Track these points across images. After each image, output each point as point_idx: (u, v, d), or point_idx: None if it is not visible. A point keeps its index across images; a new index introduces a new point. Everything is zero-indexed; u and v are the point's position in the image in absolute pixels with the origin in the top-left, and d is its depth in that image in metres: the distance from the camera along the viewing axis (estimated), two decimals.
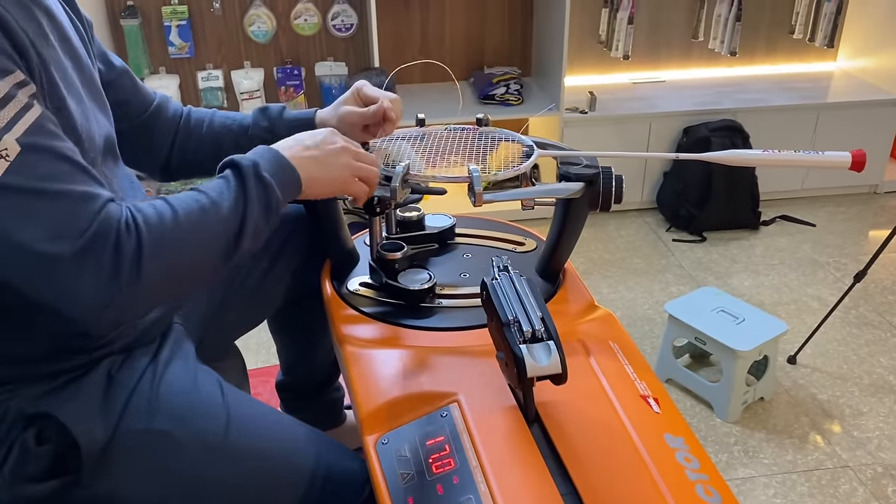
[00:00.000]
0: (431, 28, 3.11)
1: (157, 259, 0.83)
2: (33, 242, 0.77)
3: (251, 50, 3.02)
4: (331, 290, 1.21)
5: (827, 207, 3.18)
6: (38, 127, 0.79)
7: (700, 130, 2.92)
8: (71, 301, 0.79)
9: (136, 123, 1.21)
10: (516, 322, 0.86)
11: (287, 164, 0.98)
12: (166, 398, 0.96)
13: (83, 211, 0.79)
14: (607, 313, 1.11)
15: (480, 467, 0.83)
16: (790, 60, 3.36)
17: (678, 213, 2.97)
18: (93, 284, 0.78)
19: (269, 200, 0.94)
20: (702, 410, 2.08)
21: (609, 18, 3.08)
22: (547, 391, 0.90)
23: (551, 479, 0.80)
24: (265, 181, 0.93)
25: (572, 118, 2.94)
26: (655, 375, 0.98)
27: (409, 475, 0.85)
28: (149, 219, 0.84)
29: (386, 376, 1.01)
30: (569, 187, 1.11)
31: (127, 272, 0.80)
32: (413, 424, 0.91)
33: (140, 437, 0.93)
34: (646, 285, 2.65)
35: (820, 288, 2.63)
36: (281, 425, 1.05)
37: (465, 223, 1.37)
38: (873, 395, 2.14)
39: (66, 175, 0.80)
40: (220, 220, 0.89)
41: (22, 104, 0.78)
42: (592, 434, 0.87)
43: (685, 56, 3.28)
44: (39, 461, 0.92)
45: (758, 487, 1.84)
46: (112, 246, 0.79)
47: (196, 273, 0.91)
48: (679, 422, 0.90)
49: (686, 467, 0.82)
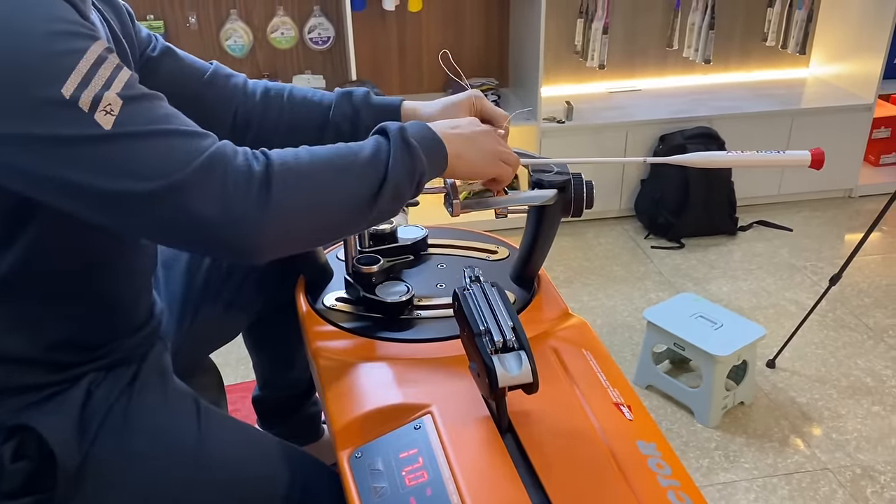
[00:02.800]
0: (409, 39, 3.12)
1: (287, 186, 0.83)
2: (151, 179, 0.77)
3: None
4: (306, 306, 1.21)
5: (803, 212, 3.21)
6: (133, 84, 0.80)
7: (676, 138, 2.94)
8: (206, 222, 0.79)
9: (188, 95, 1.14)
10: (487, 332, 0.86)
11: (435, 136, 0.97)
12: (141, 417, 0.95)
13: (195, 144, 0.80)
14: (581, 321, 1.12)
15: (453, 479, 0.83)
16: (764, 67, 3.39)
17: (656, 220, 2.99)
18: (218, 202, 0.79)
19: (414, 164, 0.92)
20: (683, 416, 2.09)
21: (584, 28, 3.10)
22: (520, 400, 0.90)
23: (524, 488, 0.81)
24: (411, 145, 0.92)
25: (550, 128, 2.96)
26: (629, 383, 0.99)
27: (383, 489, 0.85)
28: (278, 153, 0.85)
29: (359, 390, 1.00)
30: (542, 195, 1.12)
31: (256, 189, 0.80)
32: (387, 437, 0.91)
33: (114, 456, 0.92)
34: (625, 292, 2.66)
35: (797, 292, 2.65)
36: (256, 444, 1.04)
37: (437, 234, 1.37)
38: (851, 396, 2.15)
39: (171, 117, 0.82)
40: (359, 169, 0.89)
41: (115, 64, 0.79)
42: (565, 442, 0.87)
43: (660, 65, 3.31)
44: (15, 478, 0.90)
45: (739, 492, 1.85)
46: (232, 167, 0.80)
47: (332, 217, 0.89)
48: (651, 428, 0.90)
49: (658, 473, 0.83)
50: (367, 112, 1.18)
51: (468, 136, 1.01)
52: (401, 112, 1.18)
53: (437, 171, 0.98)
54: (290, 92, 1.21)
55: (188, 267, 1.25)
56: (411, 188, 0.93)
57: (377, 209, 0.90)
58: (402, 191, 0.92)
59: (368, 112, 1.18)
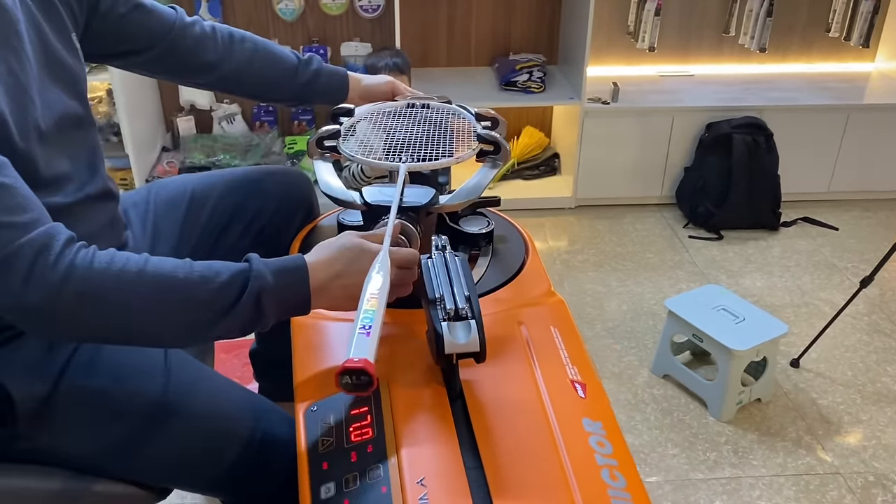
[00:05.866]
0: (458, 12, 3.11)
1: (84, 302, 0.83)
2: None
3: (279, 27, 3.07)
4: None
5: (853, 211, 3.10)
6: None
7: (722, 127, 2.87)
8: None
9: (161, 48, 1.22)
10: (441, 300, 0.88)
11: (304, 299, 0.93)
12: (107, 356, 0.99)
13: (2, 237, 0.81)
14: (559, 300, 1.12)
15: (395, 438, 0.85)
16: (826, 59, 3.27)
17: (696, 209, 2.93)
18: (9, 296, 0.81)
19: (255, 324, 0.91)
20: (696, 408, 2.07)
21: (637, 9, 3.04)
22: (476, 370, 0.91)
23: (459, 453, 0.82)
24: (262, 309, 0.90)
25: (593, 108, 2.92)
26: (591, 363, 0.99)
27: (329, 442, 0.87)
28: (105, 259, 0.85)
29: (325, 347, 1.03)
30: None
31: (46, 295, 0.81)
32: (343, 395, 0.93)
33: (78, 393, 0.96)
34: (655, 280, 2.63)
35: (833, 293, 2.57)
36: (221, 388, 1.07)
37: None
38: (875, 403, 2.09)
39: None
40: (188, 309, 0.87)
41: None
42: (510, 413, 0.88)
43: (715, 50, 3.23)
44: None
45: (742, 488, 1.82)
46: (34, 266, 0.81)
47: (134, 335, 0.89)
48: (602, 408, 0.90)
49: (597, 451, 0.83)
50: (318, 87, 1.34)
51: (347, 288, 0.94)
52: (349, 81, 1.36)
53: (293, 313, 0.96)
54: (255, 43, 1.32)
55: (184, 215, 1.29)
56: (243, 335, 0.93)
57: (198, 342, 0.92)
58: (230, 336, 0.91)
59: (318, 87, 1.34)
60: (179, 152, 3.10)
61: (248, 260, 0.92)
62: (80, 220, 1.01)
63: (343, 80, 1.36)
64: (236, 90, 1.33)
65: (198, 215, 1.30)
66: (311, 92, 1.35)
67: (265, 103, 3.03)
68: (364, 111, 1.30)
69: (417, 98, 1.34)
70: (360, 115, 1.28)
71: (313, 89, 1.34)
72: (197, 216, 1.30)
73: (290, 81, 1.33)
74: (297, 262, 0.92)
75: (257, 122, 3.23)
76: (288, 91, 1.34)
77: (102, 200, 1.09)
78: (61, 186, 1.00)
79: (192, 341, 0.93)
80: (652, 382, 2.16)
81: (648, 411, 2.05)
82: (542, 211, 3.08)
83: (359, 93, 1.37)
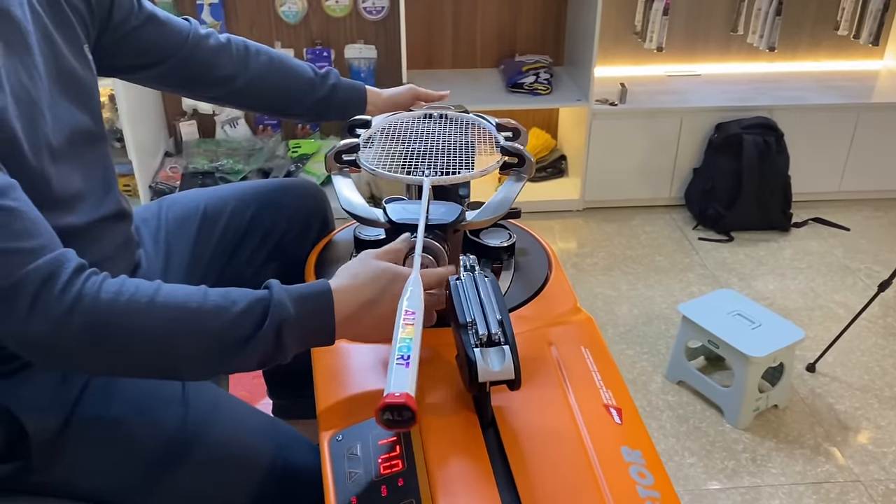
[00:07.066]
0: (463, 13, 3.08)
1: (91, 336, 0.79)
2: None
3: (282, 30, 3.03)
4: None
5: (864, 211, 3.07)
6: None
7: (732, 127, 2.83)
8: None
9: (175, 61, 1.19)
10: (473, 325, 0.84)
11: (329, 329, 0.88)
12: (123, 384, 0.96)
13: (9, 262, 0.77)
14: (587, 318, 1.09)
15: (427, 471, 0.81)
16: (834, 58, 3.24)
17: (706, 211, 2.90)
18: (15, 324, 0.77)
19: (275, 357, 0.86)
20: (712, 415, 2.04)
21: (644, 9, 3.01)
22: (507, 396, 0.88)
23: (495, 487, 0.79)
24: (282, 342, 0.84)
25: (601, 110, 2.88)
26: (625, 386, 0.95)
27: (357, 474, 0.84)
28: (113, 288, 0.81)
29: (348, 371, 1.00)
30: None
31: (52, 330, 0.78)
32: (369, 423, 0.89)
33: (93, 425, 0.93)
34: (666, 284, 2.60)
35: (848, 295, 2.54)
36: (241, 417, 1.04)
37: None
38: (893, 408, 2.06)
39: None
40: (202, 336, 0.83)
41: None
42: (546, 442, 0.84)
43: (723, 50, 3.19)
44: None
45: (762, 497, 1.80)
46: (39, 295, 0.77)
47: (149, 367, 0.85)
48: (640, 435, 0.87)
49: (639, 483, 0.80)
50: (335, 102, 1.32)
51: (376, 317, 0.89)
52: (366, 96, 1.34)
53: (315, 344, 0.91)
54: (271, 55, 1.29)
55: (197, 231, 1.26)
56: (259, 367, 0.87)
57: (207, 374, 0.88)
58: (247, 369, 0.86)
59: (335, 103, 1.32)
60: (182, 157, 3.07)
61: (268, 286, 0.87)
62: (95, 241, 0.97)
63: (361, 94, 1.34)
64: (251, 104, 1.30)
65: (211, 231, 1.27)
66: (328, 107, 1.32)
67: (281, 118, 2.97)
68: (380, 122, 1.26)
69: (434, 108, 1.31)
70: (376, 126, 1.25)
71: (330, 104, 1.32)
72: (210, 232, 1.26)
73: (307, 96, 1.30)
74: (321, 289, 0.88)
75: (260, 125, 3.19)
76: (304, 105, 1.31)
77: (117, 221, 1.06)
78: (75, 206, 0.97)
79: (208, 374, 0.88)
80: (666, 389, 2.13)
81: (664, 419, 2.02)
82: (550, 213, 3.05)
83: (379, 107, 1.35)
